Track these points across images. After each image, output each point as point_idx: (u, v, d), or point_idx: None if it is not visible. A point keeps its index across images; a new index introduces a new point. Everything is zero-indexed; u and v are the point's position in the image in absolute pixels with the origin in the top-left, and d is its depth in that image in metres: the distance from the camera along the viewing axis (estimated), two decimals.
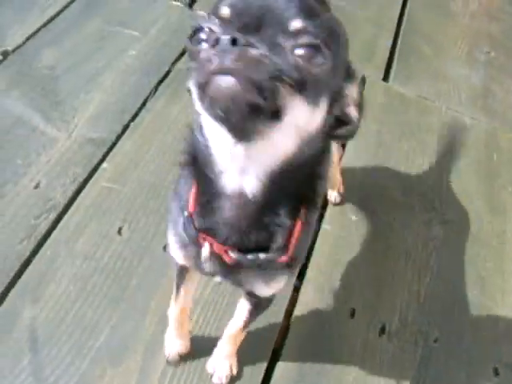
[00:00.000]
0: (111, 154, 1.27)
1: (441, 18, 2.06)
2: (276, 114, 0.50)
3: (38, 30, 1.50)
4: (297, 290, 1.16)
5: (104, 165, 1.25)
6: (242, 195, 0.60)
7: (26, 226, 1.13)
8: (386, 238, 1.30)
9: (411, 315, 1.19)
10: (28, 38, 1.47)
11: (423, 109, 1.66)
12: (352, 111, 0.61)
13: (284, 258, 0.69)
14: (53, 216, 1.15)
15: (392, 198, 1.38)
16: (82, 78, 1.41)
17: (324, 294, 1.16)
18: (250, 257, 0.67)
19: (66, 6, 1.59)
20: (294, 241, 0.69)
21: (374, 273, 1.23)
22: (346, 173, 1.34)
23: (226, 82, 0.47)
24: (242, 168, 0.58)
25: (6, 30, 1.48)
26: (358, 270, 1.22)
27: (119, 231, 1.15)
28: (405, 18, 1.99)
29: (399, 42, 1.88)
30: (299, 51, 0.50)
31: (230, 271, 0.73)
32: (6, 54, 1.42)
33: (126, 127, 1.34)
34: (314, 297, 1.15)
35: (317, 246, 1.22)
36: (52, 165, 1.23)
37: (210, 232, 0.67)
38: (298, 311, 1.12)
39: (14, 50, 1.43)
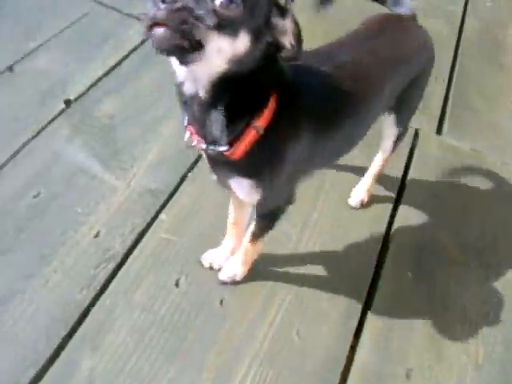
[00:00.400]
0: (169, 204, 1.29)
1: (492, 69, 2.05)
2: (200, 47, 0.72)
3: (100, 79, 1.54)
4: (353, 348, 1.14)
5: (162, 215, 1.26)
6: (197, 97, 0.84)
7: (85, 275, 1.14)
8: (442, 297, 1.27)
9: (469, 377, 1.15)
10: (90, 87, 1.51)
11: (477, 162, 1.64)
12: (287, 39, 0.81)
13: (229, 153, 0.90)
14: (112, 266, 1.16)
15: (448, 254, 1.36)
16: (141, 127, 1.43)
17: (380, 354, 1.14)
18: (210, 147, 0.90)
19: (126, 56, 1.63)
20: (242, 144, 0.89)
21: (431, 333, 1.20)
22: (401, 226, 1.33)
23: (158, 32, 0.70)
24: (192, 79, 0.82)
25: (70, 78, 1.53)
26: (415, 330, 1.20)
27: (177, 283, 1.15)
28: (456, 70, 1.99)
29: (451, 94, 1.87)
30: (217, 1, 0.71)
31: (213, 167, 0.99)
32: (68, 103, 1.46)
33: (183, 178, 1.35)
34: (370, 357, 1.13)
35: (374, 303, 1.20)
36: (111, 214, 1.25)
37: (191, 124, 0.91)
38: (354, 371, 1.10)
39: (76, 99, 1.47)
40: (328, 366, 0.94)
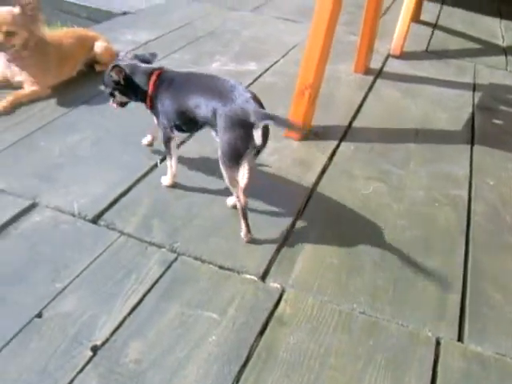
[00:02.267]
0: None
1: (505, 256, 2.10)
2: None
3: (124, 320, 1.59)
4: None
5: None
6: None
7: None
8: None
9: None
10: (115, 330, 1.55)
11: (504, 370, 1.63)
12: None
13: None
14: None
15: None
16: (167, 371, 1.46)
17: None
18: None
19: (147, 292, 1.70)
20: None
21: None
22: None
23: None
24: None
25: (95, 321, 1.58)
26: None
27: None
28: (470, 264, 2.04)
29: (468, 293, 1.90)
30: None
31: None
32: (95, 349, 1.50)
33: None
34: None
35: None
36: None
37: None
38: None
39: (102, 344, 1.51)
40: None
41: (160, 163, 2.33)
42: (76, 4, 4.17)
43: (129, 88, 2.05)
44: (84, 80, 2.94)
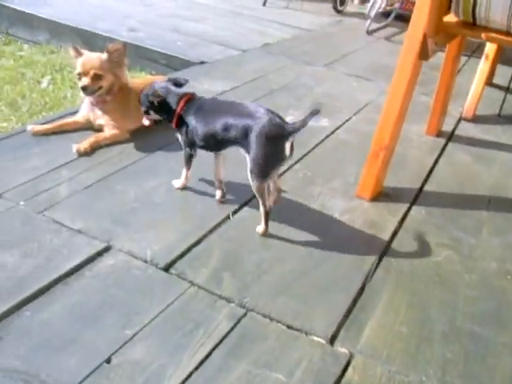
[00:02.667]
0: None
1: None
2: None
3: (191, 374, 1.59)
4: None
5: None
6: None
7: None
8: None
9: None
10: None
11: None
12: None
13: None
14: None
15: None
16: None
17: None
18: None
19: (214, 347, 1.69)
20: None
21: None
22: None
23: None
24: None
25: (163, 372, 1.58)
26: None
27: None
28: None
29: None
30: None
31: None
32: None
33: None
34: None
35: None
36: None
37: None
38: None
39: None
40: None
41: (232, 216, 2.36)
42: (156, 51, 4.33)
43: (162, 108, 2.30)
44: (160, 126, 3.01)
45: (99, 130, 2.90)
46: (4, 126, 3.58)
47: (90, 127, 2.92)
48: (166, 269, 2.00)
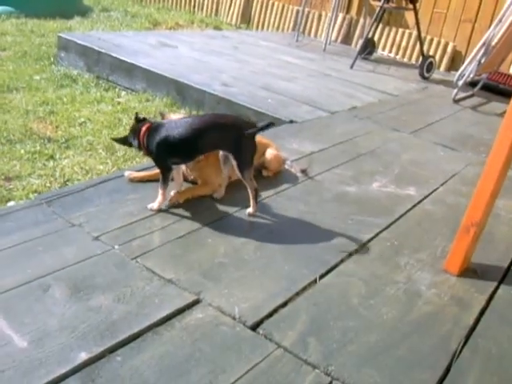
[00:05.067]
0: None
1: None
2: None
3: None
4: None
5: None
6: None
7: None
8: None
9: None
10: None
11: None
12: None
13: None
14: None
15: None
16: None
17: None
18: None
19: None
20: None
21: None
22: None
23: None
24: None
25: None
26: None
27: None
28: None
29: None
30: None
31: None
32: None
33: None
34: None
35: None
36: None
37: None
38: None
39: None
40: None
41: (319, 280, 2.37)
42: (247, 107, 4.46)
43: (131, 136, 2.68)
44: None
45: (193, 182, 2.99)
46: (100, 168, 3.77)
47: (184, 179, 3.02)
48: (254, 328, 2.03)
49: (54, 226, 2.50)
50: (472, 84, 6.42)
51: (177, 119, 2.64)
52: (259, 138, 3.28)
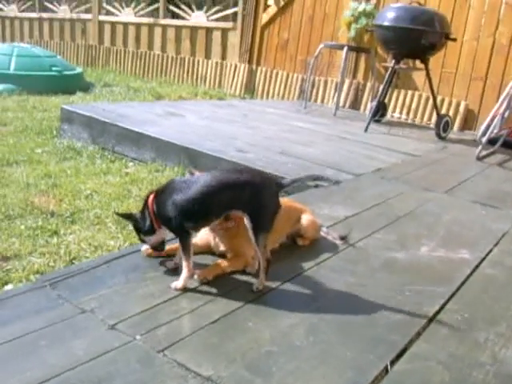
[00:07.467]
0: None
1: None
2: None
3: None
4: None
5: None
6: None
7: None
8: None
9: None
10: None
11: None
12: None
13: None
14: None
15: None
16: None
17: None
18: None
19: None
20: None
21: None
22: None
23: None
24: None
25: None
26: None
27: None
28: None
29: None
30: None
31: None
32: None
33: None
34: None
35: None
36: None
37: None
38: None
39: None
40: None
41: (390, 367, 1.92)
42: (268, 172, 4.10)
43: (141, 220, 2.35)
44: (285, 253, 2.69)
45: (221, 255, 2.58)
46: (111, 244, 3.35)
47: (209, 252, 2.61)
48: None
49: (60, 313, 2.04)
50: (490, 142, 6.14)
51: (186, 178, 2.35)
52: (292, 202, 2.90)
